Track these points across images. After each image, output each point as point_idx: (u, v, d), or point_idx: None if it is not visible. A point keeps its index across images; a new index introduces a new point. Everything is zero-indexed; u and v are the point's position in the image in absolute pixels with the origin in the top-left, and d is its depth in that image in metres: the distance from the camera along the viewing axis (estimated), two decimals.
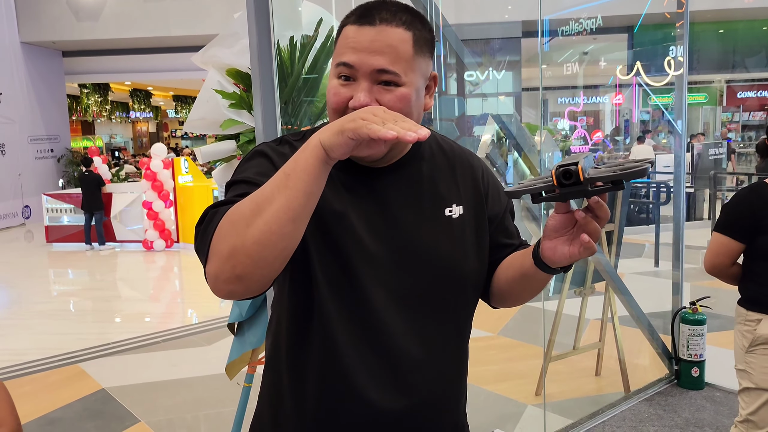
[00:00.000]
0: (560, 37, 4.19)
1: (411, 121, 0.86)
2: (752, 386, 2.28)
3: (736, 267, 2.34)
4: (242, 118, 2.50)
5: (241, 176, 1.04)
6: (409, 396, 1.10)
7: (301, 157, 0.89)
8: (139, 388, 4.22)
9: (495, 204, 1.22)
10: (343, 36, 1.04)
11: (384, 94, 1.02)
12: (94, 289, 7.68)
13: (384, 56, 1.01)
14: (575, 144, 9.78)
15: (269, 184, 0.90)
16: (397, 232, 1.09)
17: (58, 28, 13.27)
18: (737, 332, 2.36)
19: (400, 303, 1.08)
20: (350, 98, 1.02)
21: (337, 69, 1.03)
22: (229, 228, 0.89)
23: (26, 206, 13.14)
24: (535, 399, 3.64)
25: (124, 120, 23.09)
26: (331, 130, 0.87)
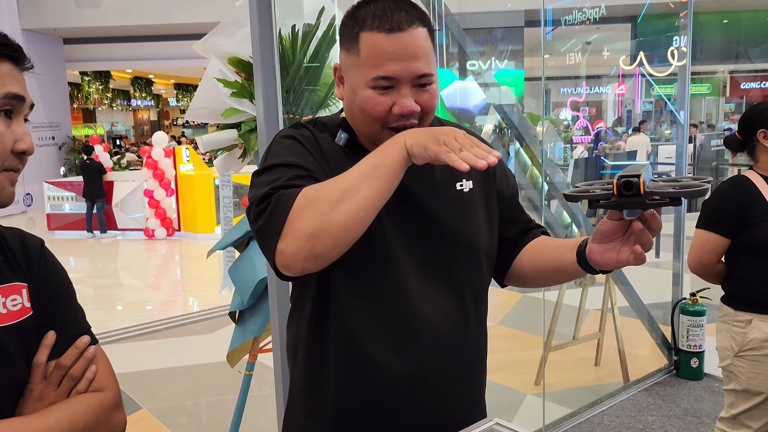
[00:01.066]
0: (563, 26, 4.17)
1: (484, 146, 0.94)
2: (740, 389, 2.20)
3: (721, 265, 2.26)
4: (244, 107, 2.50)
5: (281, 160, 1.07)
6: (429, 363, 1.13)
7: (388, 153, 0.98)
8: (141, 375, 4.24)
9: (503, 182, 1.27)
10: (373, 46, 1.04)
11: (421, 95, 1.07)
12: (95, 277, 7.71)
13: (421, 60, 1.05)
14: (577, 134, 9.76)
15: (354, 172, 0.97)
16: (414, 207, 1.13)
17: (58, 15, 13.21)
18: (723, 332, 2.26)
19: (421, 274, 1.12)
20: (392, 105, 1.05)
21: (377, 82, 1.04)
22: (312, 209, 0.94)
23: (28, 194, 13.16)
24: (534, 388, 3.66)
25: (125, 108, 23.06)
26: (417, 140, 0.96)
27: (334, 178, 0.99)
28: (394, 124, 1.07)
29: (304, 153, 1.10)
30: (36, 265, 0.97)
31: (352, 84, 1.08)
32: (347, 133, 1.14)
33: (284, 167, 1.05)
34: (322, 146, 1.14)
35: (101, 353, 1.02)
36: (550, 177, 3.42)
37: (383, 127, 1.08)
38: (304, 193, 0.96)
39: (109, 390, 0.99)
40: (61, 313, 0.98)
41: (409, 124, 1.07)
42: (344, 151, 1.13)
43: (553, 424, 3.20)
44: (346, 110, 1.14)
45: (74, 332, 0.99)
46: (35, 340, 0.94)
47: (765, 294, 2.14)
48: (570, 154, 9.36)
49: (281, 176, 1.03)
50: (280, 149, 1.11)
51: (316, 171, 1.07)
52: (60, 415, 0.91)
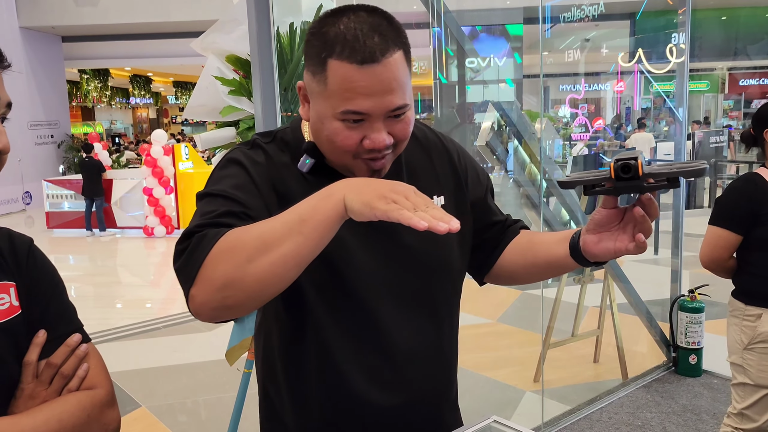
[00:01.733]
0: (562, 23, 4.16)
1: (440, 209, 0.83)
2: (749, 382, 2.24)
3: (732, 260, 2.30)
4: (242, 105, 2.50)
5: (217, 189, 0.99)
6: (408, 391, 1.10)
7: (320, 207, 0.85)
8: (141, 373, 4.25)
9: (476, 187, 1.22)
10: (343, 78, 0.94)
11: (394, 125, 0.99)
12: (94, 275, 7.71)
13: (396, 94, 0.96)
14: (576, 131, 9.75)
15: (279, 222, 0.86)
16: (382, 232, 1.06)
17: (57, 13, 13.20)
18: (733, 326, 2.30)
19: (392, 300, 1.08)
20: (362, 138, 0.98)
21: (346, 116, 0.96)
22: (228, 258, 0.85)
23: (27, 192, 13.15)
24: (533, 385, 3.67)
25: (124, 106, 23.04)
26: (361, 198, 0.83)
27: (260, 222, 0.88)
28: (365, 156, 1.00)
29: (247, 186, 1.00)
30: (24, 264, 0.97)
31: (319, 112, 0.99)
32: (313, 158, 1.05)
33: (221, 199, 0.97)
34: (277, 172, 1.05)
35: (93, 351, 1.01)
36: (548, 174, 3.42)
37: (354, 157, 1.00)
38: (225, 237, 0.87)
39: (101, 387, 0.99)
40: (51, 311, 0.98)
41: (380, 156, 1.00)
42: (305, 178, 1.06)
43: (552, 421, 3.20)
44: (313, 133, 1.05)
45: (65, 330, 0.98)
46: (26, 339, 0.94)
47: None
48: (569, 151, 9.37)
49: (214, 210, 0.95)
50: (225, 175, 1.03)
51: (255, 208, 0.98)
52: (49, 413, 0.91)
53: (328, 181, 1.03)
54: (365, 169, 1.01)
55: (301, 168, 1.05)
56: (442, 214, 0.81)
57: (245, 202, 0.97)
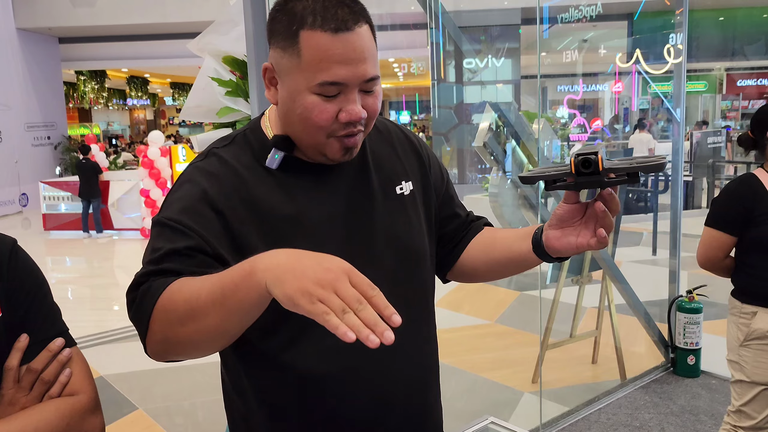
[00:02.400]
0: (560, 24, 4.16)
1: (379, 302, 0.73)
2: (745, 379, 2.27)
3: (729, 259, 2.32)
4: (238, 106, 2.49)
5: (165, 216, 0.97)
6: (395, 382, 1.09)
7: (241, 286, 0.79)
8: (137, 375, 4.23)
9: (437, 177, 1.22)
10: (318, 48, 0.93)
11: (367, 99, 0.99)
12: (91, 276, 7.69)
13: (368, 63, 0.96)
14: (574, 132, 9.76)
15: (206, 291, 0.82)
16: (356, 222, 1.07)
17: (54, 14, 13.17)
18: (731, 324, 2.34)
19: None
20: (337, 112, 0.96)
21: (323, 88, 0.94)
22: (162, 319, 0.86)
23: (23, 194, 13.11)
24: (531, 386, 3.66)
25: (121, 107, 23.01)
26: (282, 289, 0.74)
27: (192, 284, 0.85)
28: (340, 132, 0.98)
29: (196, 205, 0.97)
30: (6, 266, 0.94)
31: (291, 88, 0.97)
32: (283, 150, 1.03)
33: (168, 230, 0.94)
34: (237, 178, 1.01)
35: (77, 355, 0.99)
36: None
37: (328, 136, 0.99)
38: (163, 297, 0.86)
39: (83, 394, 0.96)
40: (33, 315, 0.96)
41: (356, 131, 0.99)
42: (273, 176, 1.03)
43: (550, 422, 3.20)
44: (282, 117, 1.02)
45: (47, 334, 0.96)
46: (7, 342, 0.92)
47: None
48: (567, 152, 9.37)
49: (160, 248, 0.93)
50: (175, 198, 0.99)
51: (203, 229, 0.94)
52: (25, 420, 0.89)
53: (299, 175, 1.04)
54: (338, 147, 1.00)
55: (270, 165, 1.03)
56: (374, 317, 0.71)
57: (191, 228, 0.94)
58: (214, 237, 0.95)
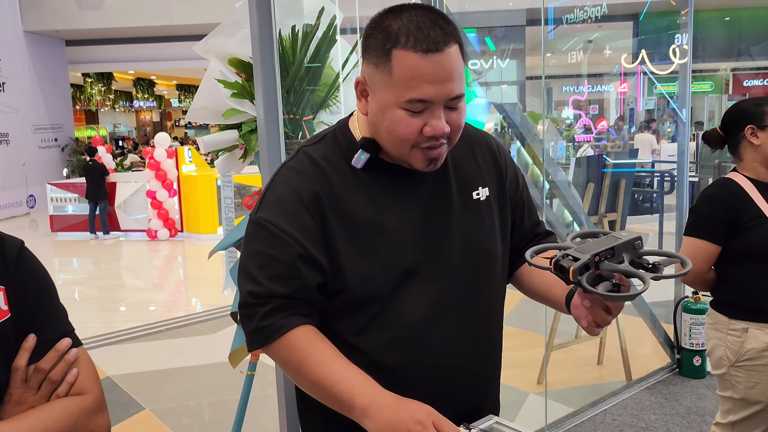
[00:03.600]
0: (565, 24, 4.16)
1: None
2: (736, 397, 2.09)
3: (712, 272, 2.14)
4: (244, 108, 2.50)
5: (265, 217, 1.09)
6: (458, 379, 1.15)
7: (339, 406, 1.03)
8: (144, 375, 4.25)
9: (512, 179, 1.26)
10: (409, 67, 0.99)
11: (451, 115, 1.04)
12: (98, 278, 7.72)
13: (455, 82, 1.01)
14: (579, 133, 9.74)
15: (321, 374, 1.03)
16: (433, 227, 1.13)
17: (60, 17, 13.24)
18: (716, 341, 2.13)
19: (441, 293, 1.12)
20: (422, 126, 1.02)
21: (411, 105, 1.01)
22: (282, 355, 1.07)
23: (31, 195, 13.18)
24: (536, 387, 3.66)
25: (127, 109, 23.08)
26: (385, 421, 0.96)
27: (316, 358, 1.04)
28: (424, 145, 1.04)
29: (300, 216, 1.07)
30: (14, 267, 0.95)
31: (381, 102, 1.04)
32: (369, 152, 1.10)
33: (270, 235, 1.07)
34: (323, 175, 1.10)
35: (84, 355, 1.00)
36: (551, 175, 3.42)
37: (412, 147, 1.05)
38: (286, 340, 1.06)
39: (90, 393, 0.97)
40: (41, 315, 0.97)
41: (438, 144, 1.05)
42: (357, 175, 1.11)
43: (555, 423, 3.20)
44: (370, 126, 1.09)
45: (55, 335, 0.97)
46: (15, 343, 0.93)
47: (761, 301, 2.04)
48: (572, 152, 9.36)
49: (263, 252, 1.08)
50: (281, 201, 1.09)
51: (308, 240, 1.07)
52: (34, 420, 0.90)
53: (382, 176, 1.11)
54: (422, 158, 1.06)
55: (356, 164, 1.10)
56: None
57: (290, 234, 1.06)
58: (310, 240, 1.07)
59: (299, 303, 1.07)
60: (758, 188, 2.06)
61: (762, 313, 2.04)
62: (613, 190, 3.78)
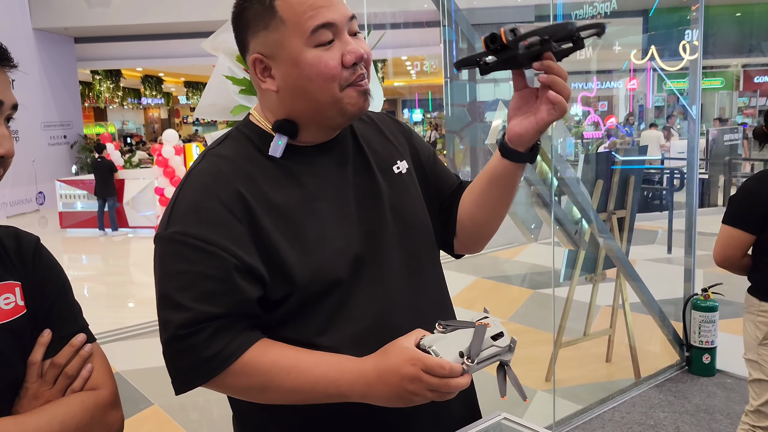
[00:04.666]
0: (574, 21, 4.13)
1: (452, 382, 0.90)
2: (764, 378, 2.25)
3: (747, 258, 2.29)
4: (252, 104, 2.50)
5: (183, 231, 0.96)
6: None
7: (331, 398, 0.96)
8: (153, 371, 4.27)
9: (422, 148, 1.24)
10: (296, 3, 0.96)
11: (359, 43, 1.01)
12: (107, 274, 7.77)
13: (343, 3, 1.00)
14: (588, 130, 9.70)
15: (298, 381, 0.95)
16: (364, 201, 1.08)
17: (69, 15, 13.30)
18: (748, 322, 2.31)
19: (385, 272, 1.07)
20: (341, 57, 0.98)
21: (314, 37, 0.96)
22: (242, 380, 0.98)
23: (40, 192, 13.27)
24: (545, 384, 3.65)
25: (135, 106, 23.18)
26: (384, 404, 0.94)
27: (284, 365, 0.95)
28: (352, 78, 0.99)
29: (224, 220, 0.96)
30: (30, 263, 0.97)
31: (289, 58, 0.97)
32: (287, 135, 1.03)
33: (193, 250, 0.94)
34: (244, 174, 1.00)
35: (98, 351, 1.01)
36: (560, 172, 3.40)
37: (342, 88, 0.99)
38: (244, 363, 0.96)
39: (105, 388, 0.98)
40: (56, 311, 0.98)
41: (362, 73, 1.00)
42: (277, 165, 1.03)
43: (563, 420, 3.19)
44: (287, 97, 1.01)
45: (70, 330, 0.98)
46: (30, 338, 0.94)
47: None
48: (581, 149, 9.32)
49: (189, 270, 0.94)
50: (199, 211, 0.96)
51: (236, 246, 0.95)
52: (52, 414, 0.91)
53: (303, 161, 1.05)
54: (356, 93, 1.01)
55: (273, 153, 1.02)
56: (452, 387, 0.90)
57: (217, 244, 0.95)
58: (241, 248, 0.95)
59: (238, 320, 0.96)
60: None
61: None
62: (622, 187, 3.75)
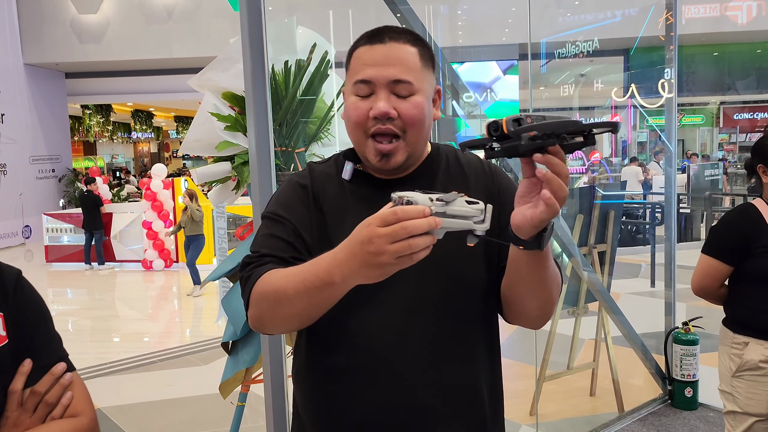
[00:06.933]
0: (557, 59, 4.24)
1: (414, 224, 0.84)
2: (738, 410, 2.25)
3: (723, 289, 2.32)
4: (237, 140, 2.55)
5: (269, 210, 1.18)
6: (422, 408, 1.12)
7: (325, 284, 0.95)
8: (134, 407, 4.22)
9: (505, 204, 1.18)
10: (356, 57, 1.13)
11: (401, 103, 1.10)
12: (92, 308, 7.69)
13: (396, 67, 1.09)
14: (572, 165, 9.84)
15: (291, 281, 1.00)
16: None
17: (61, 50, 13.42)
18: (723, 354, 2.32)
19: (414, 311, 1.11)
20: (370, 110, 1.09)
21: (355, 87, 1.11)
22: (258, 303, 1.06)
23: (26, 226, 13.18)
24: (529, 419, 3.65)
25: (125, 140, 23.22)
26: (366, 280, 0.91)
27: (283, 275, 1.02)
28: (371, 129, 1.10)
29: (296, 206, 1.16)
30: (12, 295, 0.99)
31: (345, 95, 1.17)
32: (351, 161, 1.18)
33: (269, 221, 1.16)
34: (319, 185, 1.18)
35: (77, 379, 1.04)
36: None
37: (366, 137, 1.11)
38: (257, 285, 1.05)
39: (84, 416, 1.01)
40: (37, 341, 1.00)
41: (385, 129, 1.08)
42: (345, 186, 1.17)
43: None
44: (346, 128, 1.19)
45: (50, 359, 1.01)
46: (11, 368, 0.96)
47: (762, 321, 2.20)
48: None
49: (265, 233, 1.15)
50: (281, 197, 1.20)
51: (300, 223, 1.14)
52: None
53: (366, 188, 1.16)
54: (374, 149, 1.11)
55: (344, 176, 1.18)
56: (423, 242, 0.85)
57: (285, 218, 1.15)
58: (302, 226, 1.14)
59: (279, 261, 1.11)
60: None
61: (761, 330, 2.21)
62: (603, 222, 3.82)
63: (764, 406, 2.20)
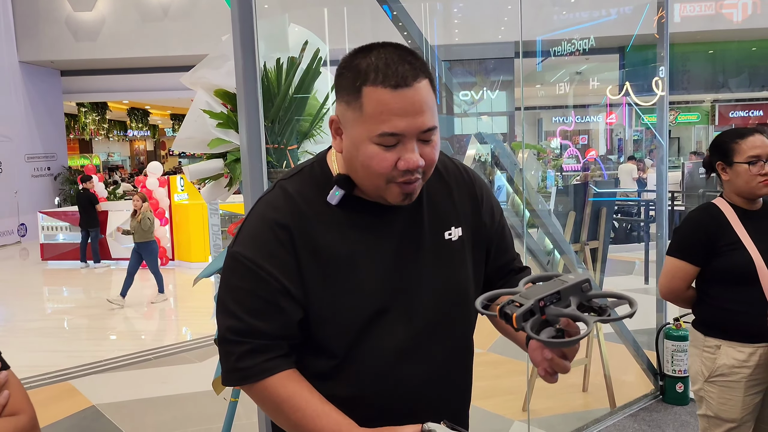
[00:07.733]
0: (553, 57, 4.25)
1: None
2: (711, 414, 2.19)
3: (691, 290, 2.25)
4: (229, 137, 2.56)
5: (243, 254, 1.10)
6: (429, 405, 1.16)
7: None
8: (129, 405, 4.23)
9: (488, 214, 1.26)
10: (378, 102, 1.01)
11: (424, 148, 1.05)
12: (88, 306, 7.69)
13: (425, 115, 1.03)
14: (567, 163, 9.89)
15: (299, 420, 1.07)
16: (403, 263, 1.13)
17: (56, 48, 13.39)
18: (694, 357, 2.24)
19: (411, 328, 1.14)
20: (396, 160, 1.03)
21: (382, 138, 1.02)
22: (258, 398, 1.12)
23: (22, 224, 13.17)
24: (521, 415, 3.67)
25: (121, 138, 23.19)
26: None
27: (291, 404, 1.07)
28: (399, 179, 1.05)
29: (276, 253, 1.08)
30: None
31: (354, 138, 1.05)
32: (343, 189, 1.11)
33: (248, 271, 1.09)
34: (307, 226, 1.10)
35: (13, 378, 1.03)
36: (532, 204, 3.48)
37: (387, 182, 1.06)
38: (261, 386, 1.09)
39: (24, 413, 1.01)
40: None
41: (413, 178, 1.05)
42: (332, 211, 1.11)
43: None
44: (346, 163, 1.11)
45: None
46: None
47: (732, 321, 2.13)
48: (560, 182, 9.47)
49: (247, 298, 1.09)
50: (257, 239, 1.10)
51: (287, 276, 1.08)
52: None
53: (356, 213, 1.12)
54: (398, 192, 1.07)
55: (331, 200, 1.11)
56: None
57: (270, 273, 1.08)
58: (287, 276, 1.08)
59: (279, 344, 1.09)
60: (739, 215, 2.15)
61: (732, 332, 2.14)
62: (595, 219, 3.84)
63: (738, 411, 2.12)
